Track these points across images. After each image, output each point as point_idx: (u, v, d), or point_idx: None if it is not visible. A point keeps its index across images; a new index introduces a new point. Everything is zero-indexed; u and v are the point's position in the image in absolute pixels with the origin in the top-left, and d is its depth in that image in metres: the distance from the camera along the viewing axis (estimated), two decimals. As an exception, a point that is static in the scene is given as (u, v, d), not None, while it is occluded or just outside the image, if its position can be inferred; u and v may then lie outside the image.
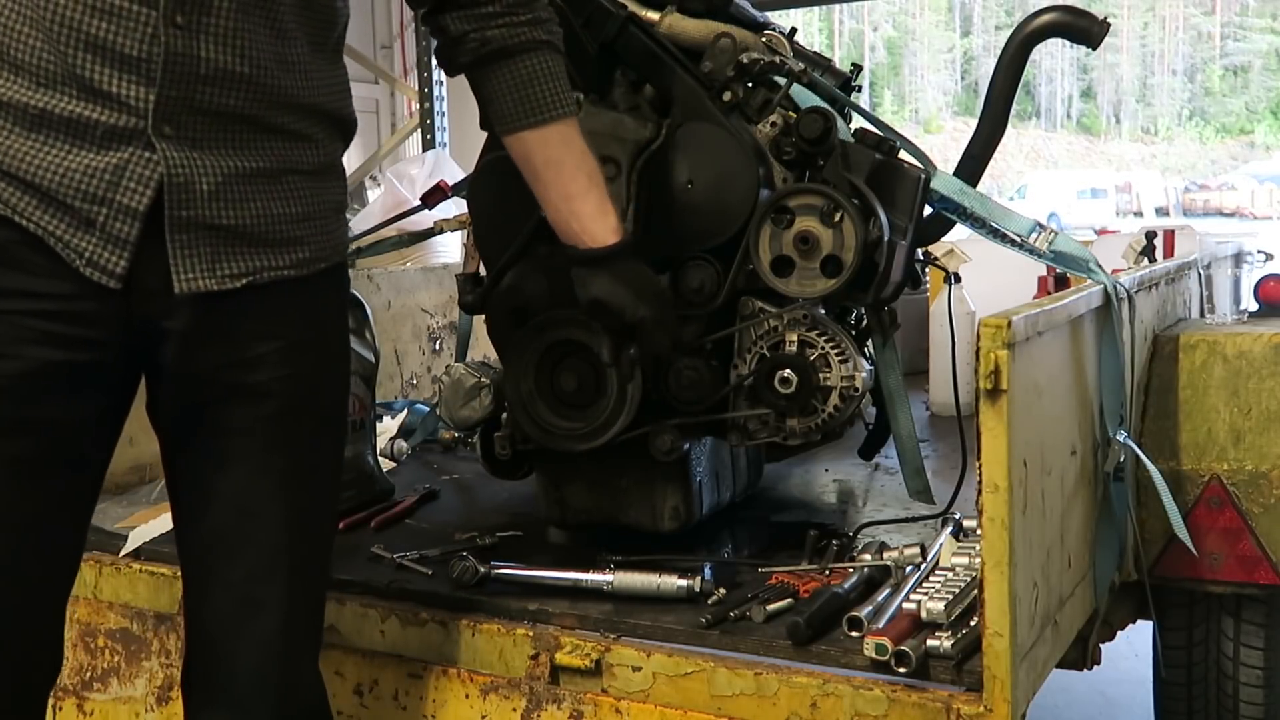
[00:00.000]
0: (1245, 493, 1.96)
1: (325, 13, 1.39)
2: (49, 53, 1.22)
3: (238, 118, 1.30)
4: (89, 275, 1.26)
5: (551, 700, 1.56)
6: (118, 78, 1.23)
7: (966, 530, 1.77)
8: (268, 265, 1.35)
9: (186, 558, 1.45)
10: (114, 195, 1.25)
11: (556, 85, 1.53)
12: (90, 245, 1.26)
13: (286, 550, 1.42)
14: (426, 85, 5.45)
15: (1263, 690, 2.08)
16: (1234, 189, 31.19)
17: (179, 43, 1.24)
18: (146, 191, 1.25)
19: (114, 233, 1.26)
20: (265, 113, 1.32)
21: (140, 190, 1.25)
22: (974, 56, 46.34)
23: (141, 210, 1.26)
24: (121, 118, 1.24)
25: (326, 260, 1.43)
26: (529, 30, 1.52)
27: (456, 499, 2.34)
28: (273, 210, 1.35)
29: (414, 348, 3.19)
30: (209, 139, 1.28)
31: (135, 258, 1.27)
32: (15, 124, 1.24)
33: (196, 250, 1.29)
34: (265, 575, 1.41)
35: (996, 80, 1.99)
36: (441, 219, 2.80)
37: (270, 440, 1.39)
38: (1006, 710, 1.30)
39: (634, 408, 1.78)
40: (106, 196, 1.25)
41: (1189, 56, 46.02)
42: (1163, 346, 2.08)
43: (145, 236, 1.26)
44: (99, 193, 1.25)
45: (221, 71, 1.27)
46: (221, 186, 1.29)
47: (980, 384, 1.28)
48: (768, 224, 1.73)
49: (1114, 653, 2.01)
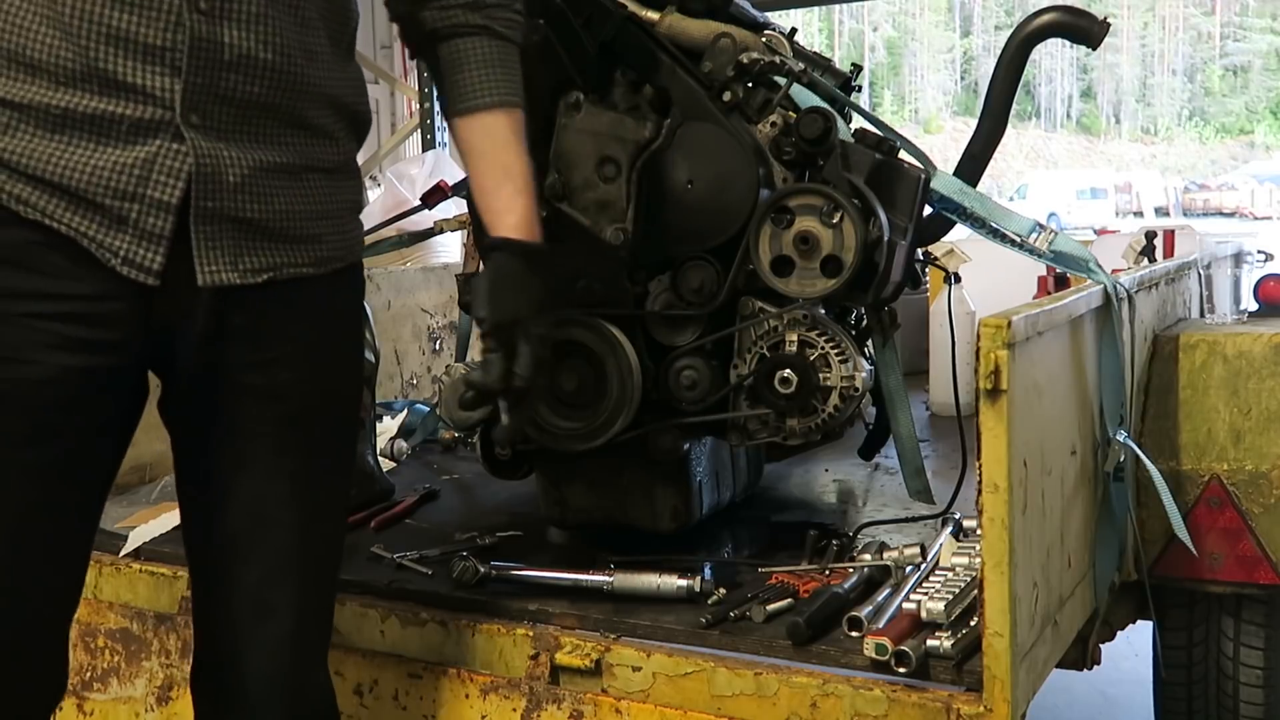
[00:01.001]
0: (1245, 493, 1.96)
1: (344, 7, 1.40)
2: (68, 49, 1.20)
3: (263, 107, 1.29)
4: (126, 274, 1.24)
5: (551, 700, 1.56)
6: (142, 69, 1.21)
7: (966, 530, 1.77)
8: (288, 261, 1.35)
9: (197, 559, 1.45)
10: (145, 190, 1.23)
11: (484, 73, 1.48)
12: (125, 243, 1.24)
13: (299, 554, 1.41)
14: (426, 85, 5.45)
15: (1263, 690, 2.08)
16: (1234, 189, 31.21)
17: (203, 28, 1.22)
18: (178, 184, 1.24)
19: (148, 228, 1.24)
20: (290, 102, 1.31)
21: (172, 183, 1.24)
22: (974, 56, 46.35)
23: (175, 203, 1.24)
24: (148, 110, 1.22)
25: (343, 260, 1.43)
26: (463, 14, 1.48)
27: (456, 499, 2.34)
28: (295, 206, 1.34)
29: (414, 348, 3.19)
30: (235, 130, 1.27)
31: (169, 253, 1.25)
32: (37, 126, 1.22)
33: (220, 243, 1.28)
34: (278, 579, 1.40)
35: (996, 80, 1.99)
36: (441, 219, 2.80)
37: (284, 443, 1.38)
38: (1006, 710, 1.30)
39: (634, 408, 1.78)
40: (138, 192, 1.23)
41: (1189, 56, 46.02)
42: (1163, 346, 2.08)
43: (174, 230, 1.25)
44: (130, 188, 1.23)
45: (246, 58, 1.26)
46: (248, 179, 1.28)
47: (980, 384, 1.28)
48: (768, 224, 1.73)
49: (1114, 653, 2.01)
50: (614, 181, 1.80)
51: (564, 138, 1.85)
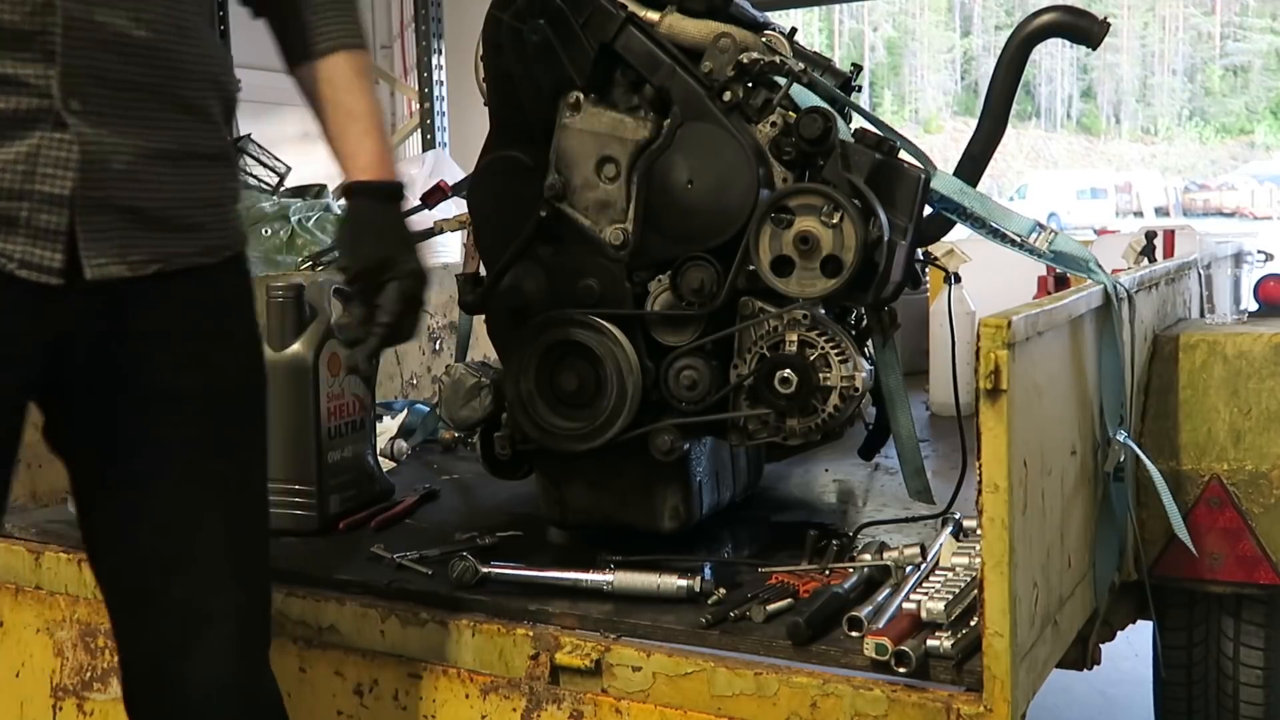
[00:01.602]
0: (1245, 493, 1.96)
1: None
2: None
3: (141, 89, 1.24)
4: (26, 277, 1.18)
5: (551, 700, 1.56)
6: (13, 58, 1.15)
7: (966, 530, 1.77)
8: (178, 251, 1.30)
9: (112, 583, 1.39)
10: (32, 185, 1.17)
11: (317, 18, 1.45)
12: (19, 245, 1.18)
13: (229, 557, 1.37)
14: (426, 85, 5.44)
15: (1263, 690, 2.08)
16: (1234, 189, 31.16)
17: (75, 8, 1.17)
18: (68, 174, 1.18)
19: (41, 225, 1.18)
20: (167, 83, 1.26)
21: (61, 174, 1.18)
22: (974, 56, 46.33)
23: (68, 195, 1.18)
24: (24, 100, 1.16)
25: (230, 248, 1.39)
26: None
27: (456, 499, 2.34)
28: (180, 193, 1.30)
29: (414, 348, 3.19)
30: (115, 115, 1.22)
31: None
32: None
33: (107, 234, 1.22)
34: (212, 587, 1.35)
35: (996, 80, 1.99)
36: (441, 219, 2.80)
37: (196, 445, 1.34)
38: (1006, 710, 1.30)
39: (634, 408, 1.78)
40: (24, 189, 1.17)
41: (1189, 56, 46.00)
42: (1163, 346, 2.08)
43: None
44: (16, 185, 1.17)
45: (121, 37, 1.21)
46: (132, 166, 1.23)
47: (980, 384, 1.28)
48: (768, 224, 1.73)
49: (1114, 653, 2.01)
50: (614, 181, 1.80)
51: (564, 138, 1.85)
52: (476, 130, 1.81)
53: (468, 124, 5.09)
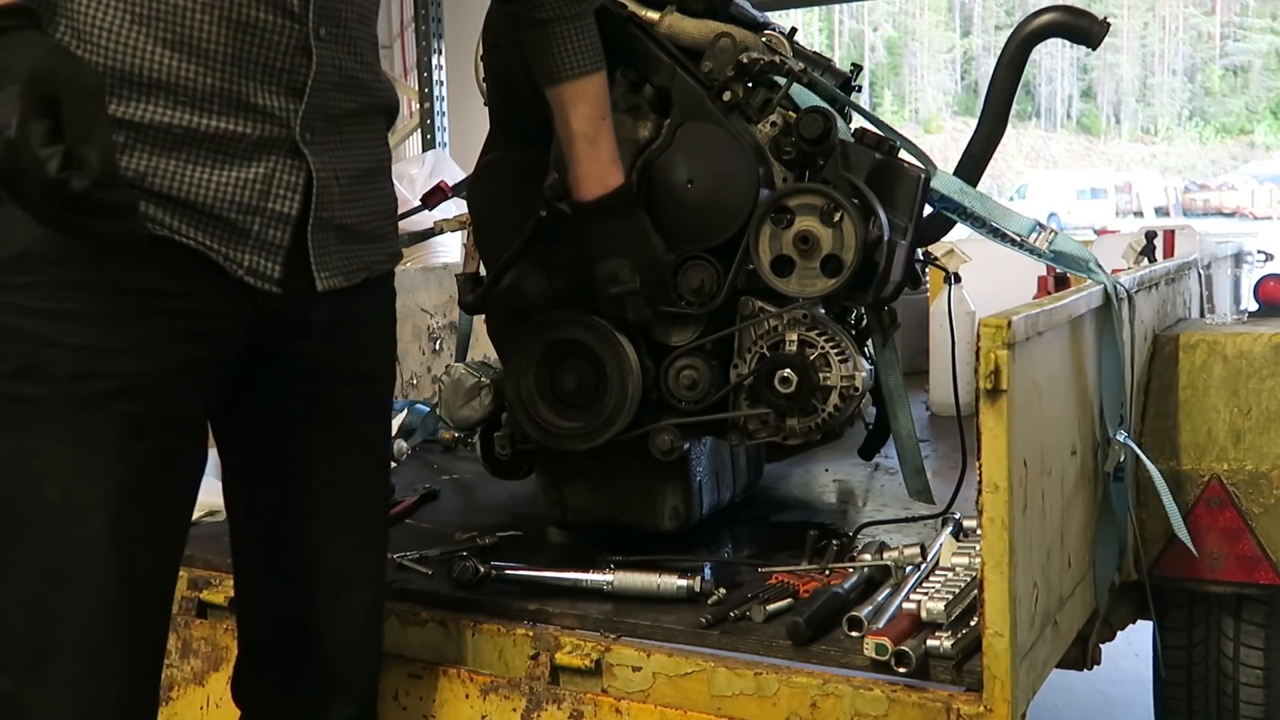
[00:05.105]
0: (1245, 493, 1.96)
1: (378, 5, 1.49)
2: (191, 71, 1.23)
3: (351, 116, 1.38)
4: (250, 283, 1.31)
5: (551, 700, 1.56)
6: (265, 91, 1.28)
7: (966, 530, 1.77)
8: (375, 260, 1.46)
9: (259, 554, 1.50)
10: (265, 204, 1.30)
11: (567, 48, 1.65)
12: (247, 255, 1.30)
13: (380, 523, 1.56)
14: (426, 85, 5.43)
15: (1263, 690, 2.08)
16: (1234, 189, 31.16)
17: (323, 54, 1.31)
18: (295, 197, 1.32)
19: (268, 239, 1.31)
20: (365, 109, 1.41)
21: (290, 196, 1.31)
22: (974, 56, 46.34)
23: (294, 215, 1.32)
24: (268, 129, 1.29)
25: (400, 256, 1.56)
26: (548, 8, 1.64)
27: (456, 499, 2.34)
28: (374, 208, 1.45)
29: (414, 348, 3.19)
30: (332, 142, 1.36)
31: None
32: (155, 145, 1.24)
33: (329, 249, 1.37)
34: (362, 550, 1.50)
35: (996, 80, 1.99)
36: (441, 219, 2.81)
37: (368, 420, 1.52)
38: (1006, 710, 1.30)
39: (634, 408, 1.78)
40: (259, 205, 1.30)
41: (1189, 56, 46.01)
42: (1163, 346, 2.08)
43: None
44: (252, 202, 1.29)
45: (349, 78, 1.36)
46: (347, 187, 1.38)
47: (980, 384, 1.28)
48: (768, 224, 1.73)
49: (1114, 653, 2.01)
50: (614, 181, 1.80)
51: (564, 138, 1.84)
52: (476, 130, 1.82)
53: (468, 124, 5.08)
